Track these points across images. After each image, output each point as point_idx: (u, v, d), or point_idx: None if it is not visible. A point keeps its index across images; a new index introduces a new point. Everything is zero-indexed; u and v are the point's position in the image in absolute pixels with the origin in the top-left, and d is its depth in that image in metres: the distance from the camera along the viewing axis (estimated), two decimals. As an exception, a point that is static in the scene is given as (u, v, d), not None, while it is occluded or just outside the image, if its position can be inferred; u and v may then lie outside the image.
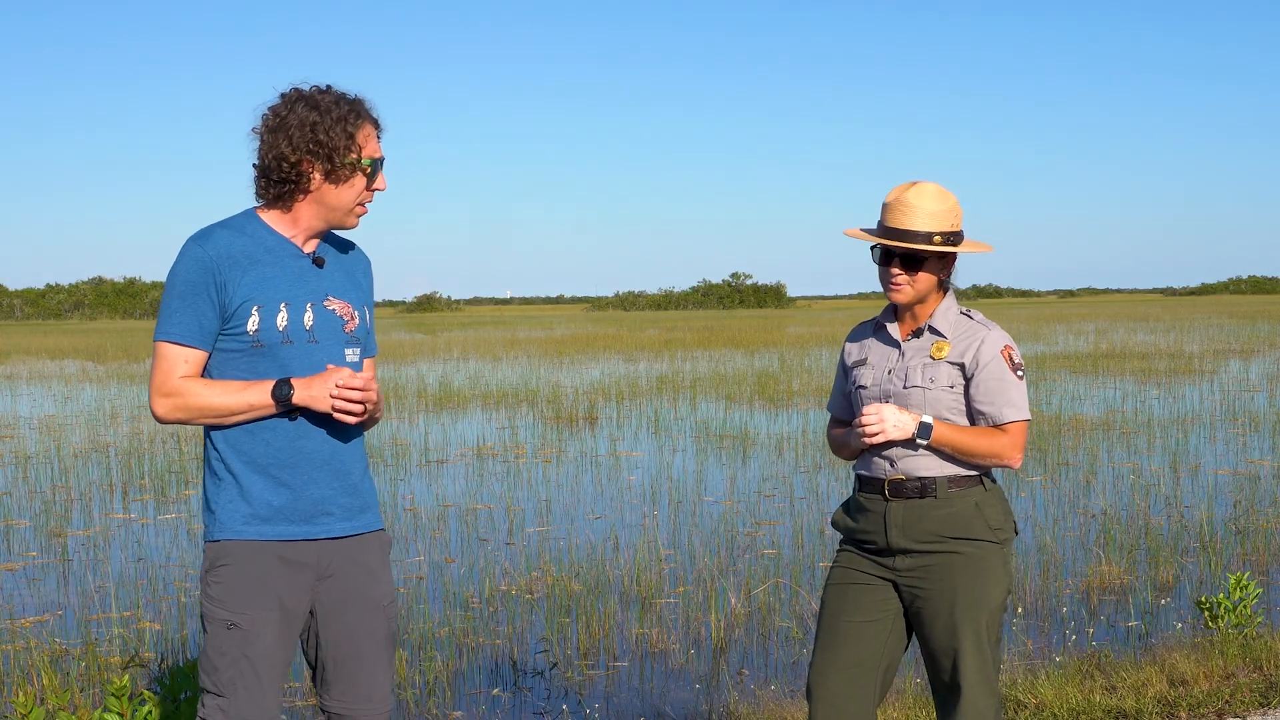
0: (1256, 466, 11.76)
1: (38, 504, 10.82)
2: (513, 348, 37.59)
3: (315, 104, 2.99)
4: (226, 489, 2.99)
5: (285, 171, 2.97)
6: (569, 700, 5.72)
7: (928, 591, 3.32)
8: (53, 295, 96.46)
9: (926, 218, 3.29)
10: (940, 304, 3.40)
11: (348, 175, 3.01)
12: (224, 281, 2.94)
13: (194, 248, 2.97)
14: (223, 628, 2.96)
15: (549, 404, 19.13)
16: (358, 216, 3.10)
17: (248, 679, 2.96)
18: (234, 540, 2.98)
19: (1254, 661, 5.51)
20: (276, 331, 2.98)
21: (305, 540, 3.02)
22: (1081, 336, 38.24)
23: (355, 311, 3.12)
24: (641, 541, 8.51)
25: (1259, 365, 24.97)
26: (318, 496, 3.02)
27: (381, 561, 3.17)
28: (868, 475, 3.41)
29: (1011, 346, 3.36)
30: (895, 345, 3.42)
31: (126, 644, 6.37)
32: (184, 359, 2.97)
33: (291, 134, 2.96)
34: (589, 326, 57.60)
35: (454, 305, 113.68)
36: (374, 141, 3.06)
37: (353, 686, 3.09)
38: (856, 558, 3.44)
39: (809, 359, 28.39)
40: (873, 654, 3.38)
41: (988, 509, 3.32)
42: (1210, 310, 66.94)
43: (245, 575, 2.96)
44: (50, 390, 23.90)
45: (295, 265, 3.03)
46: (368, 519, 3.13)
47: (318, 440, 3.02)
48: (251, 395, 2.95)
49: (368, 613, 3.10)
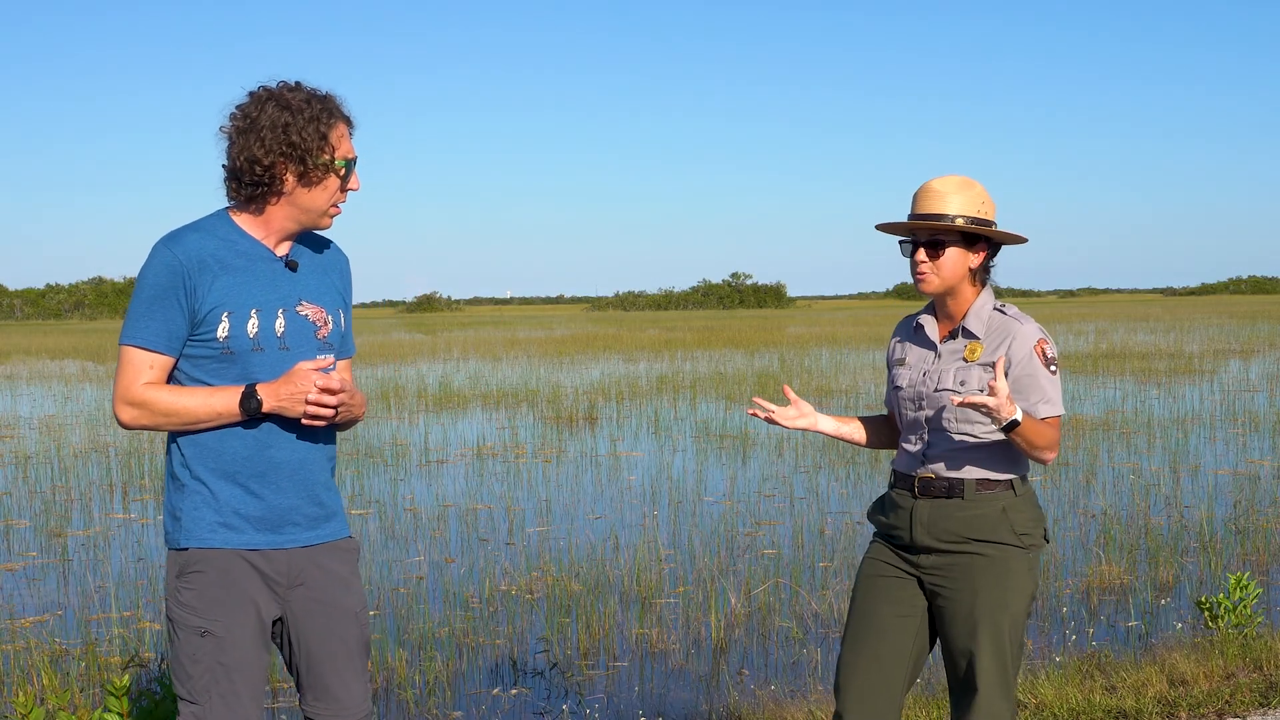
0: (1256, 466, 11.75)
1: (38, 504, 10.82)
2: (513, 348, 37.58)
3: (286, 104, 2.89)
4: (192, 496, 2.94)
5: (257, 174, 2.90)
6: (569, 700, 5.72)
7: (949, 591, 3.32)
8: (53, 295, 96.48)
9: (948, 201, 3.30)
10: (976, 301, 3.36)
11: (321, 177, 2.94)
12: (194, 286, 2.87)
13: (164, 251, 2.89)
14: (195, 635, 2.92)
15: (549, 404, 19.13)
16: (331, 218, 3.03)
17: (222, 686, 2.92)
18: (203, 548, 2.92)
19: (1254, 661, 5.50)
20: (247, 339, 2.91)
21: (274, 549, 2.98)
22: (1081, 336, 38.23)
23: (329, 316, 3.06)
24: (641, 541, 8.51)
25: (1259, 365, 24.97)
26: (284, 506, 2.97)
27: (351, 570, 3.12)
28: (901, 471, 3.42)
29: (1045, 340, 3.31)
30: (932, 347, 3.41)
31: (126, 644, 6.37)
32: (149, 364, 2.90)
33: (264, 135, 2.87)
34: (589, 326, 57.59)
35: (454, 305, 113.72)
36: (347, 141, 2.99)
37: (325, 693, 3.07)
38: (886, 551, 3.45)
39: (809, 359, 28.39)
40: (901, 649, 3.38)
41: (1015, 514, 3.30)
42: (1210, 310, 66.92)
43: (217, 582, 2.91)
44: (50, 390, 23.90)
45: (267, 269, 2.96)
46: (333, 527, 3.08)
47: (287, 449, 2.96)
48: (218, 403, 2.88)
49: (340, 620, 3.07)
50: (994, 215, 3.35)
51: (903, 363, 3.47)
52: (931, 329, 3.43)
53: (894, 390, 3.46)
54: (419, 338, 46.96)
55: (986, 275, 3.40)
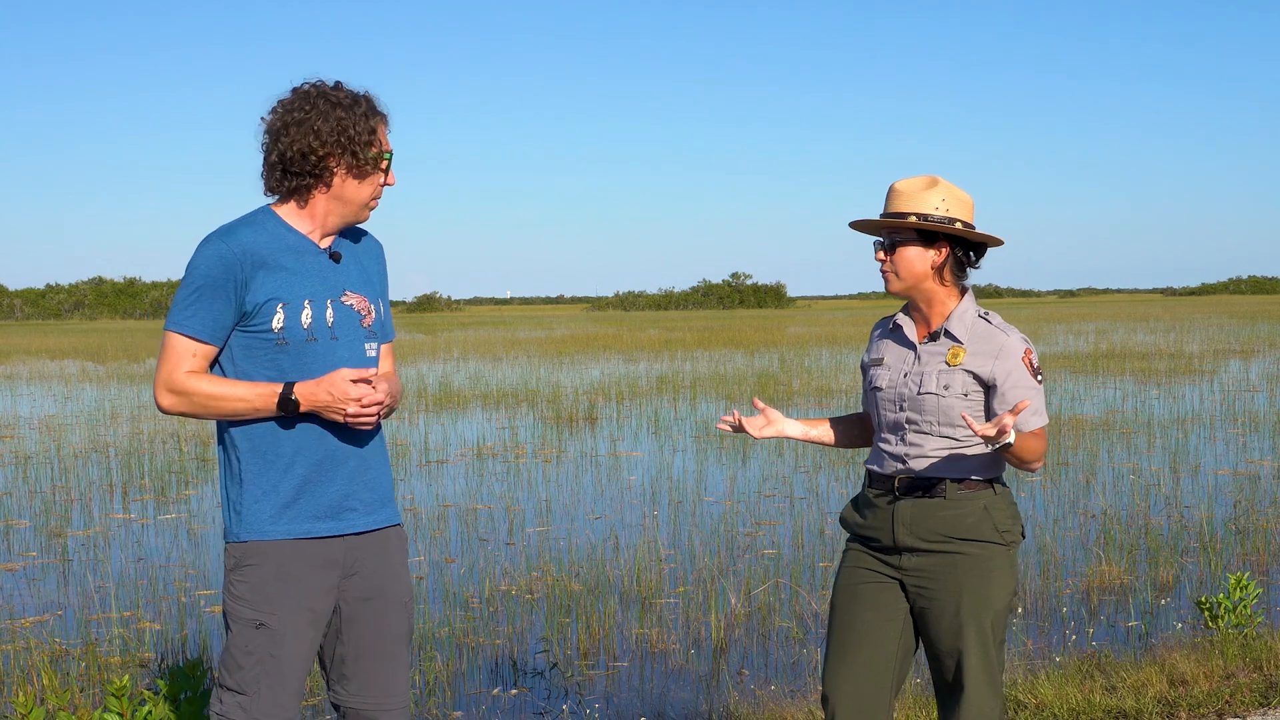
0: (1256, 466, 11.76)
1: (38, 504, 10.82)
2: (513, 348, 37.58)
3: (337, 100, 3.00)
4: (250, 488, 2.99)
5: (310, 165, 2.98)
6: (569, 700, 5.72)
7: (932, 591, 3.32)
8: (53, 295, 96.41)
9: (907, 200, 3.30)
10: (957, 306, 3.35)
11: (369, 170, 3.04)
12: (246, 280, 2.95)
13: (218, 243, 2.96)
14: (250, 627, 2.96)
15: (549, 404, 19.13)
16: (370, 210, 3.12)
17: (272, 678, 2.96)
18: (261, 540, 2.98)
19: (1254, 661, 5.50)
20: (301, 330, 2.99)
21: (331, 537, 3.03)
22: (1081, 336, 38.23)
23: (371, 305, 3.15)
24: (641, 541, 8.52)
25: (1259, 365, 24.97)
26: (341, 492, 3.03)
27: (402, 558, 3.19)
28: (878, 471, 3.40)
29: (1031, 350, 3.32)
30: (911, 348, 3.39)
31: (126, 644, 6.37)
32: (193, 352, 2.97)
33: (318, 128, 2.96)
34: (589, 326, 57.59)
35: (454, 305, 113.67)
36: (385, 136, 3.10)
37: (371, 682, 3.11)
38: (864, 556, 3.43)
39: (809, 359, 28.39)
40: (887, 654, 3.37)
41: (995, 511, 3.32)
42: (1210, 310, 66.92)
43: (273, 575, 2.96)
44: (50, 390, 23.90)
45: (315, 262, 3.05)
46: (388, 513, 3.15)
47: (341, 436, 3.04)
48: (256, 400, 2.95)
49: (390, 610, 3.12)
50: (962, 213, 3.31)
51: (880, 362, 3.44)
52: (910, 330, 3.41)
53: (872, 391, 3.44)
54: (419, 337, 46.97)
55: (960, 276, 3.37)
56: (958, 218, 3.31)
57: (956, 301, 3.36)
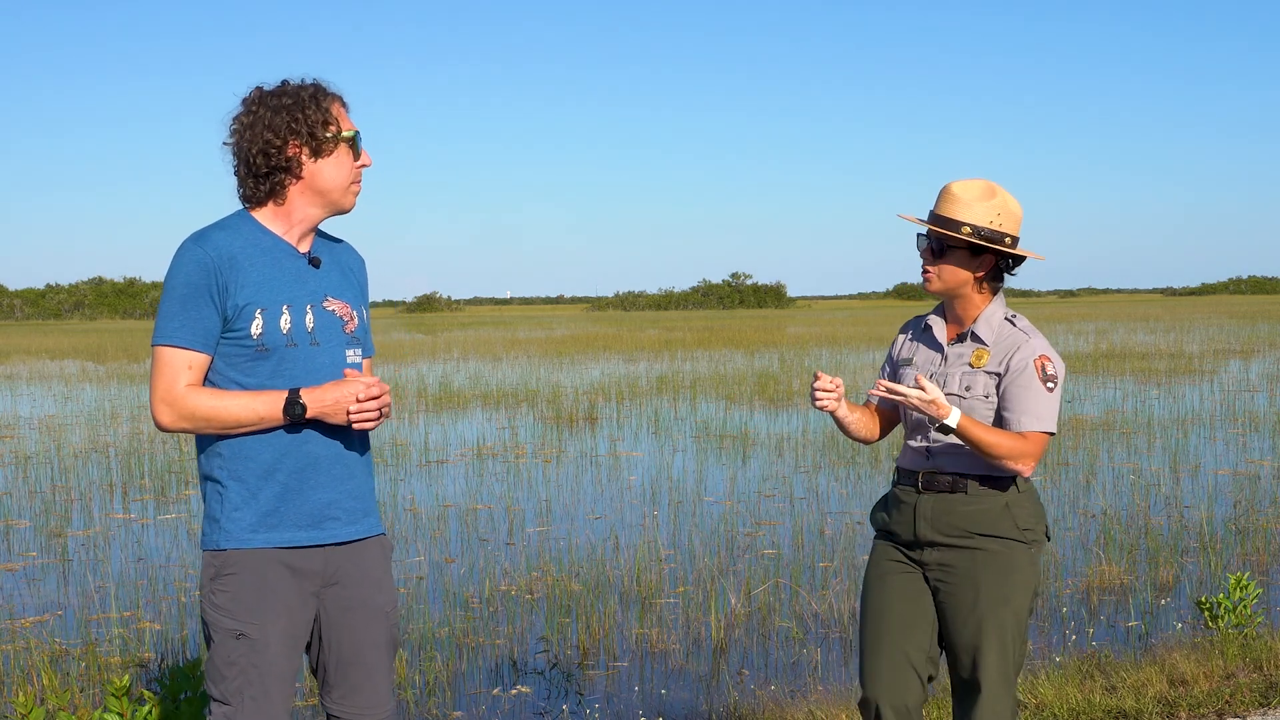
0: (1256, 466, 11.76)
1: (38, 504, 10.82)
2: (513, 348, 37.59)
3: (283, 92, 2.98)
4: (230, 496, 2.94)
5: (274, 159, 2.94)
6: (569, 700, 5.72)
7: (952, 586, 3.34)
8: (53, 295, 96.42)
9: (962, 207, 3.32)
10: (986, 308, 3.39)
11: (332, 148, 2.99)
12: (225, 283, 2.89)
13: (193, 249, 2.91)
14: (230, 637, 2.92)
15: (549, 404, 19.13)
16: (354, 195, 3.07)
17: (255, 688, 2.93)
18: (240, 549, 2.93)
19: (1254, 661, 5.51)
20: (280, 335, 2.93)
21: (311, 546, 2.99)
22: (1081, 336, 38.23)
23: (354, 311, 3.09)
24: (641, 541, 8.52)
25: (1259, 365, 24.97)
26: (323, 500, 2.99)
27: (385, 568, 3.15)
28: (906, 468, 3.45)
29: (1048, 357, 3.33)
30: (939, 349, 3.44)
31: (126, 644, 6.37)
32: (187, 364, 2.90)
33: (271, 121, 2.93)
34: (589, 326, 57.60)
35: (454, 305, 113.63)
36: (346, 117, 3.05)
37: (354, 692, 3.09)
38: (889, 549, 3.48)
39: (809, 359, 28.39)
40: (920, 642, 3.39)
41: (1018, 509, 3.35)
42: (1210, 310, 66.93)
43: (252, 585, 2.92)
44: (50, 390, 23.90)
45: (293, 266, 2.99)
46: (370, 523, 3.10)
47: (323, 443, 2.99)
48: (261, 408, 2.90)
49: (372, 620, 3.08)
50: (1013, 227, 3.34)
51: (910, 362, 3.49)
52: (940, 331, 3.45)
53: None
54: (419, 338, 46.97)
55: (998, 284, 3.43)
56: (1008, 233, 3.34)
57: (987, 303, 3.40)
